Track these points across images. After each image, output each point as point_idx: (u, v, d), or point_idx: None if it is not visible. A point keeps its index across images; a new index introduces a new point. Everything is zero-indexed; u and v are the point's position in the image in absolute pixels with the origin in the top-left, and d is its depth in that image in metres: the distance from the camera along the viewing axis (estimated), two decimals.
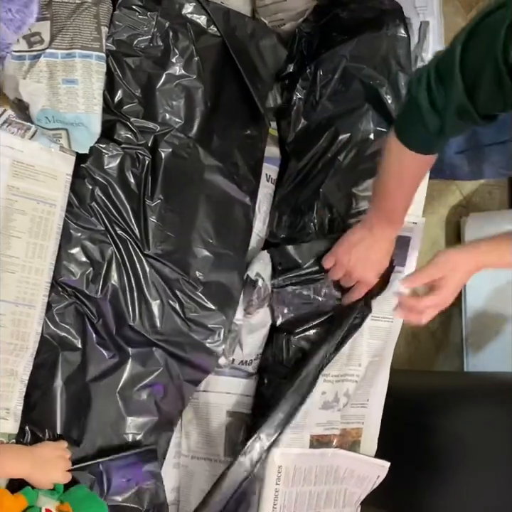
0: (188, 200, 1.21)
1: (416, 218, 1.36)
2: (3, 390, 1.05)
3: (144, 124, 1.18)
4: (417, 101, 0.97)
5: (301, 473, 1.23)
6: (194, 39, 1.23)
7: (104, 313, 1.14)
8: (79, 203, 1.13)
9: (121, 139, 1.16)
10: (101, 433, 1.14)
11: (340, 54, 1.32)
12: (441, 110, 0.96)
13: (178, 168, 1.20)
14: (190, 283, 1.20)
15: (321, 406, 1.25)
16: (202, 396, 1.26)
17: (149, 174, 1.18)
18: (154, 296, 1.17)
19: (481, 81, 0.88)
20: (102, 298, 1.14)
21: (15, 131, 1.06)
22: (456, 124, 0.98)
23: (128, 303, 1.15)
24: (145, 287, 1.17)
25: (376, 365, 1.34)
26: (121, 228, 1.15)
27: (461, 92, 0.91)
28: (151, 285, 1.17)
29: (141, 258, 1.17)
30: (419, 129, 1.01)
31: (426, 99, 0.96)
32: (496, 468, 1.42)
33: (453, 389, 1.71)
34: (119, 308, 1.15)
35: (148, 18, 1.19)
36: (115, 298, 1.15)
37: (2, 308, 1.04)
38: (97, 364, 1.14)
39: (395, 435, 1.38)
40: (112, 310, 1.15)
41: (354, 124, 1.32)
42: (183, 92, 1.21)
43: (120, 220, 1.15)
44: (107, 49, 1.14)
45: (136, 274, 1.16)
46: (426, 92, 0.96)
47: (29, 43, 1.09)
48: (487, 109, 0.92)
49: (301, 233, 1.31)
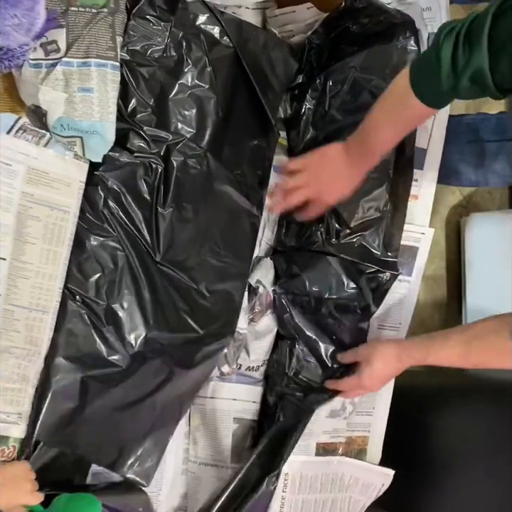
0: (198, 209, 1.22)
1: (424, 229, 1.37)
2: (16, 395, 1.06)
3: (156, 133, 1.18)
4: (440, 51, 0.97)
5: (307, 481, 1.25)
6: (207, 49, 1.23)
7: (114, 320, 1.15)
8: (91, 209, 1.14)
9: (134, 148, 1.17)
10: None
11: (350, 65, 1.32)
12: (460, 70, 0.95)
13: (189, 177, 1.21)
14: (198, 291, 1.21)
15: (328, 414, 1.27)
16: (209, 402, 1.26)
17: (162, 183, 1.19)
18: (167, 304, 1.18)
19: (505, 50, 0.87)
20: (112, 304, 1.15)
21: (30, 138, 1.07)
22: (469, 89, 0.97)
23: (144, 310, 1.17)
24: (157, 294, 1.18)
25: None
26: (133, 235, 1.16)
27: (484, 56, 0.90)
28: (163, 292, 1.18)
29: (152, 265, 1.18)
30: (434, 83, 1.01)
31: (449, 54, 0.95)
32: (497, 468, 1.41)
33: (453, 389, 1.71)
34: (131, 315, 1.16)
35: (162, 28, 1.20)
36: (127, 304, 1.16)
37: (16, 314, 1.05)
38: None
39: (395, 435, 1.38)
40: (123, 317, 1.16)
41: None
42: (195, 102, 1.22)
43: (132, 228, 1.16)
44: (121, 58, 1.15)
45: (148, 281, 1.17)
46: (452, 47, 0.95)
47: (46, 51, 1.10)
48: (505, 80, 0.91)
49: (309, 241, 1.32)
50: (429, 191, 1.41)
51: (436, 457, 1.46)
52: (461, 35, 0.93)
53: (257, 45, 1.30)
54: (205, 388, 1.27)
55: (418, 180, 1.40)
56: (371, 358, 1.22)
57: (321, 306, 1.29)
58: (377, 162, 1.23)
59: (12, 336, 1.05)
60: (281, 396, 1.29)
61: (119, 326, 1.15)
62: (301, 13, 1.37)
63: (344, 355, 1.29)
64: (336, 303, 1.30)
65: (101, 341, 1.13)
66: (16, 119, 1.08)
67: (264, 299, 1.28)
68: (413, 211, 1.38)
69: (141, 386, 1.15)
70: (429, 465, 1.46)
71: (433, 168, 1.42)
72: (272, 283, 1.31)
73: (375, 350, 1.23)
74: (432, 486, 1.45)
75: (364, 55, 1.32)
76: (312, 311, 1.30)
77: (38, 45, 1.09)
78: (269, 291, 1.30)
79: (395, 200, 1.34)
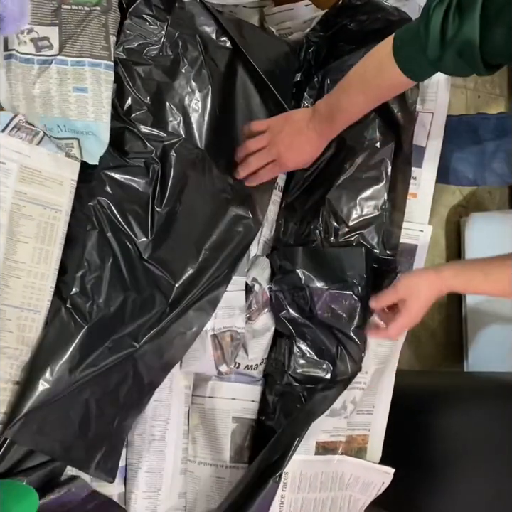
0: (194, 211, 1.21)
1: (422, 226, 1.37)
2: (6, 395, 1.04)
3: (152, 132, 1.17)
4: (429, 21, 0.94)
5: (306, 480, 1.24)
6: (203, 50, 1.23)
7: (99, 317, 1.12)
8: (80, 207, 1.12)
9: (129, 147, 1.16)
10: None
11: (348, 63, 1.30)
12: (449, 39, 0.93)
13: (185, 177, 1.19)
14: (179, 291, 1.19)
15: (328, 413, 1.26)
16: (208, 402, 1.26)
17: (159, 182, 1.17)
18: (151, 302, 1.16)
19: (500, 19, 0.86)
20: (97, 301, 1.12)
21: (23, 136, 1.06)
22: (455, 61, 0.95)
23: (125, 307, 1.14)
24: (142, 292, 1.15)
25: (381, 371, 1.35)
26: (123, 234, 1.15)
27: (475, 25, 0.88)
28: (148, 290, 1.16)
29: (140, 263, 1.16)
30: (418, 52, 0.99)
31: (438, 23, 0.93)
32: (497, 468, 1.42)
33: (453, 389, 1.71)
34: (115, 312, 1.13)
35: (159, 27, 1.20)
36: (112, 302, 1.13)
37: (8, 314, 1.04)
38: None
39: (395, 435, 1.38)
40: (107, 314, 1.13)
41: (360, 132, 1.33)
42: (191, 102, 1.21)
43: (125, 226, 1.15)
44: (117, 57, 1.14)
45: (135, 279, 1.15)
46: (442, 16, 0.92)
47: (37, 47, 1.09)
48: (495, 53, 0.90)
49: (307, 240, 1.32)
50: (427, 189, 1.41)
51: (436, 457, 1.47)
52: (453, 5, 0.91)
53: (256, 44, 1.29)
54: (203, 388, 1.27)
55: (416, 178, 1.40)
56: (415, 291, 1.18)
57: (318, 299, 1.28)
58: (339, 131, 1.20)
59: (4, 336, 1.04)
60: (282, 395, 1.28)
61: (102, 323, 1.12)
62: (299, 11, 1.38)
63: (380, 298, 1.23)
64: (332, 294, 1.28)
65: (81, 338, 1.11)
66: (11, 117, 1.07)
67: (261, 297, 1.28)
68: (412, 209, 1.38)
69: (109, 382, 1.13)
70: (429, 465, 1.46)
71: (432, 166, 1.42)
72: (268, 281, 1.30)
73: (417, 284, 1.19)
74: (431, 485, 1.45)
75: (362, 53, 1.28)
76: (309, 306, 1.28)
77: (28, 40, 1.08)
78: (266, 289, 1.29)
79: (394, 198, 1.34)
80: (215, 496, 1.25)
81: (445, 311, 2.42)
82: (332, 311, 1.27)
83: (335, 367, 1.28)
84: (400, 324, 1.20)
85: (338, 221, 1.31)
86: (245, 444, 1.27)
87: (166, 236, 1.18)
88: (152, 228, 1.17)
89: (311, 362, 1.29)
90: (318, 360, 1.29)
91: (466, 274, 1.20)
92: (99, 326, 1.11)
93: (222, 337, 1.21)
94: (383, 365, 1.35)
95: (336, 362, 1.27)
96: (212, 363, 1.21)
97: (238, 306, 1.24)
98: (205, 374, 1.26)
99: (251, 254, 1.30)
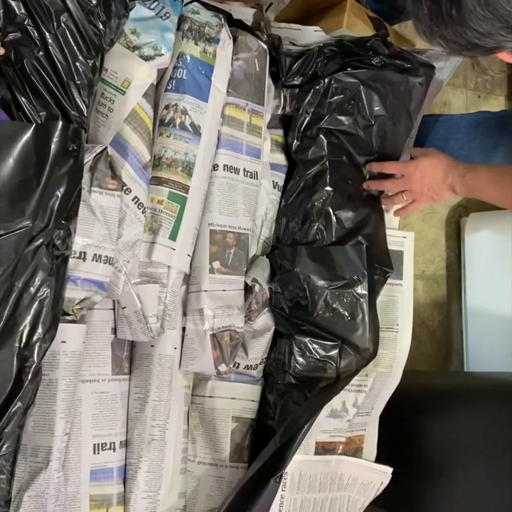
0: None
1: (405, 233, 1.42)
2: None
3: None
4: None
5: (306, 480, 1.25)
6: None
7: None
8: None
9: None
10: None
11: (357, 77, 1.34)
12: None
13: None
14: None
15: (327, 414, 1.26)
16: (207, 402, 1.26)
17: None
18: None
19: None
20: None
21: None
22: None
23: None
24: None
25: (386, 376, 1.34)
26: None
27: None
28: None
29: None
30: None
31: None
32: (497, 468, 1.42)
33: (453, 389, 1.71)
34: None
35: None
36: None
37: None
38: None
39: (395, 435, 1.38)
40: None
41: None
42: None
43: None
44: None
45: None
46: None
47: None
48: None
49: (307, 239, 1.32)
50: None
51: (435, 457, 1.47)
52: None
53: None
54: (203, 387, 1.27)
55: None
56: (424, 156, 1.28)
57: (318, 299, 1.28)
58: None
59: None
60: (282, 394, 1.28)
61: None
62: (305, 33, 1.37)
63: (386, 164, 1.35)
64: (333, 293, 1.28)
65: None
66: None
67: (261, 297, 1.28)
68: (391, 217, 1.44)
69: None
70: (428, 465, 1.46)
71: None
72: (268, 281, 1.30)
73: (427, 155, 1.28)
74: (431, 485, 1.45)
75: (373, 73, 1.35)
76: (310, 306, 1.28)
77: None
78: (266, 289, 1.29)
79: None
80: (215, 495, 1.25)
81: (445, 311, 2.43)
82: (333, 310, 1.27)
83: (337, 365, 1.28)
84: (392, 182, 1.33)
85: (338, 220, 1.31)
86: (245, 443, 1.27)
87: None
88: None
89: (311, 361, 1.29)
90: (319, 360, 1.29)
91: (478, 171, 1.28)
92: None
93: (221, 336, 1.21)
94: (388, 370, 1.34)
95: (339, 360, 1.27)
96: (211, 363, 1.21)
97: (237, 305, 1.24)
98: (205, 374, 1.26)
99: (251, 254, 1.29)
